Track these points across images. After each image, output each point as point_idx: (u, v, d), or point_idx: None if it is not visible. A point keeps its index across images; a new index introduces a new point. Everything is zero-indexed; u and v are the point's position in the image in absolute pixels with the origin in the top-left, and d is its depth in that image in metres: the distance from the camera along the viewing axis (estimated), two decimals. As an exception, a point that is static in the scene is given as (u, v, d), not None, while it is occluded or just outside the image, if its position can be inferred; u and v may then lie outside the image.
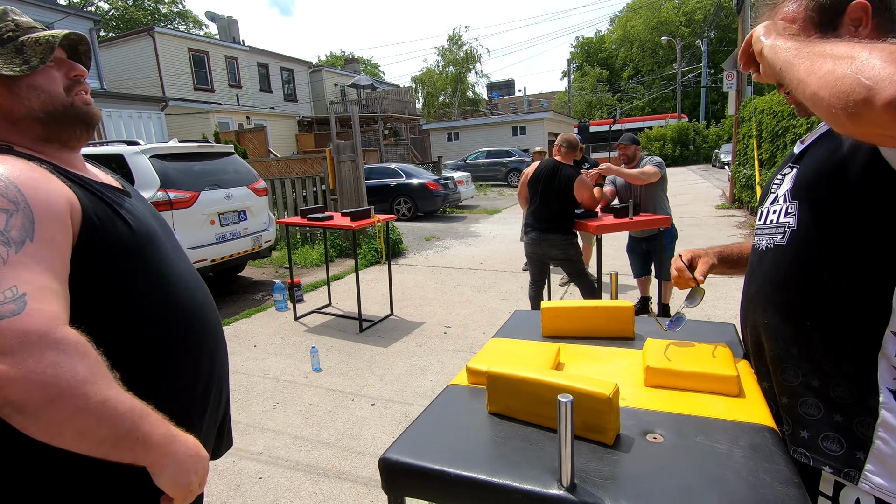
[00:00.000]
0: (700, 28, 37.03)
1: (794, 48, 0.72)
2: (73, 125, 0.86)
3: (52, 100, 0.82)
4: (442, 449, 0.82)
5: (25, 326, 0.59)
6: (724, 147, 21.23)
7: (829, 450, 0.84)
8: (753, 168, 9.00)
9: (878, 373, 0.79)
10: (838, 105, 0.62)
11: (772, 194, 0.99)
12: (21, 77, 0.80)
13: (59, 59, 0.85)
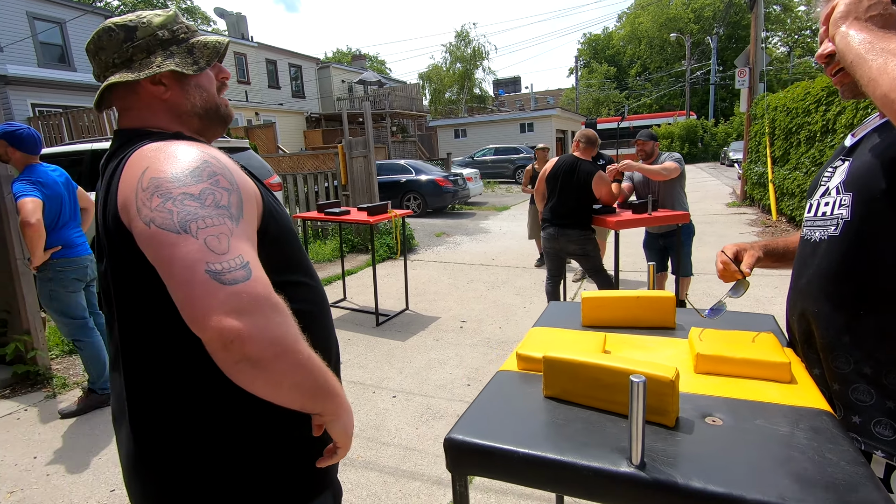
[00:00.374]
0: (709, 25, 36.74)
1: (867, 41, 0.73)
2: (219, 123, 0.93)
3: (210, 98, 0.90)
4: (504, 430, 0.84)
5: (255, 290, 0.64)
6: (733, 144, 21.12)
7: (882, 435, 0.86)
8: (766, 166, 8.95)
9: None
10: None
11: (822, 187, 1.00)
12: (191, 76, 0.86)
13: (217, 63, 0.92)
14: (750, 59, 10.55)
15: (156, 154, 0.72)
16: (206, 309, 0.61)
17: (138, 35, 0.83)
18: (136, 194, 0.68)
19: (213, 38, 0.90)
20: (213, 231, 0.66)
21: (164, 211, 0.66)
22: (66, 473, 2.36)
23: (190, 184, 0.69)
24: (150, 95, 0.84)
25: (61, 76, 13.01)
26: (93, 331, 2.94)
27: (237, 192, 0.73)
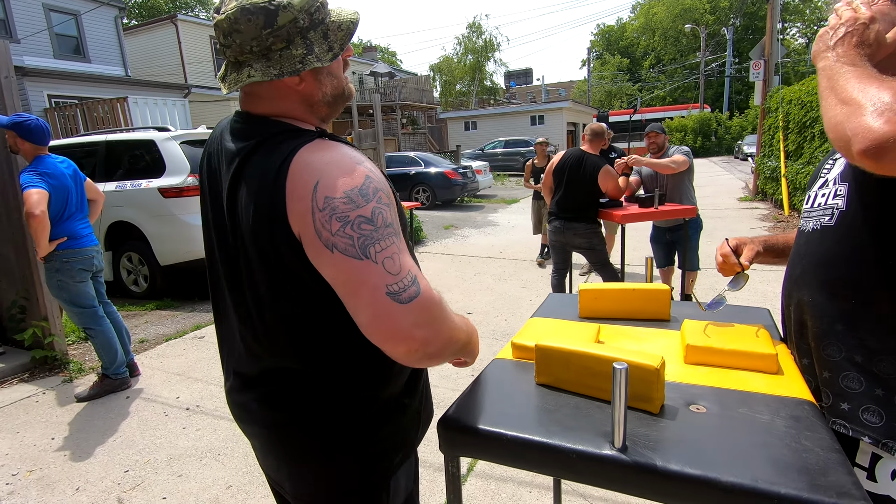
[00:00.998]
0: (725, 16, 36.10)
1: (826, 76, 0.80)
2: (343, 104, 0.91)
3: (339, 84, 0.87)
4: (496, 414, 0.88)
5: (427, 303, 0.73)
6: (747, 138, 20.81)
7: (869, 422, 0.88)
8: (779, 160, 8.83)
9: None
10: (838, 146, 0.74)
11: (821, 178, 1.02)
12: (327, 66, 0.83)
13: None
14: (765, 50, 10.37)
15: (324, 167, 0.74)
16: (392, 329, 0.70)
17: (279, 22, 0.76)
18: (314, 213, 0.72)
19: (347, 17, 0.85)
20: (387, 253, 0.73)
21: (344, 237, 0.72)
22: (82, 454, 2.45)
23: (362, 205, 0.73)
24: (285, 87, 0.82)
25: (77, 67, 13.18)
26: (102, 319, 3.02)
27: (393, 204, 0.79)
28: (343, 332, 0.82)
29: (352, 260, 0.71)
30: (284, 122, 0.83)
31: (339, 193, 0.72)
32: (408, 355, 0.72)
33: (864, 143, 0.69)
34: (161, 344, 3.89)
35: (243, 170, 0.79)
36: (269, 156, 0.78)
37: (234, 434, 2.58)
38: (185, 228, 4.66)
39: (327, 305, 0.79)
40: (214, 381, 3.20)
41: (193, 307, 4.82)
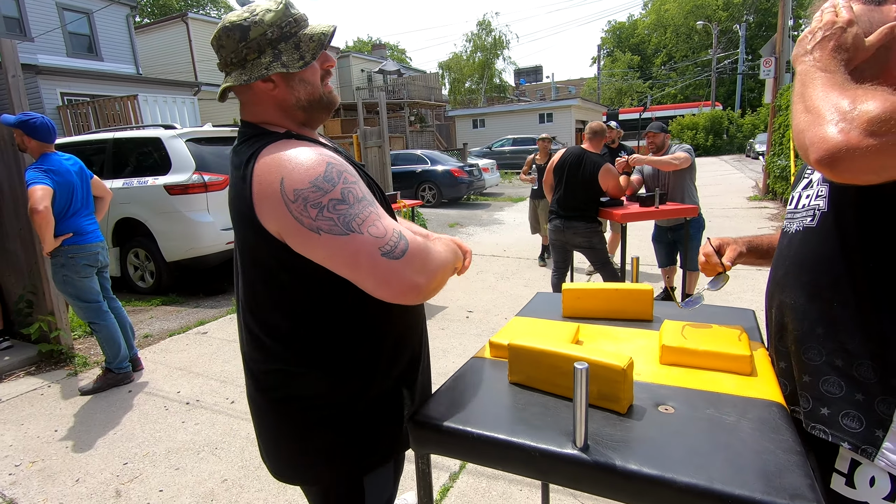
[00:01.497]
0: (738, 12, 35.62)
1: (800, 82, 0.80)
2: (323, 111, 0.98)
3: (314, 90, 0.95)
4: (466, 412, 0.89)
5: (417, 250, 0.83)
6: (759, 137, 20.54)
7: (849, 427, 0.86)
8: (789, 159, 8.71)
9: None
10: (801, 154, 0.76)
11: (805, 179, 1.01)
12: (296, 73, 0.91)
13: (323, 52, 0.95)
14: (777, 47, 10.23)
15: (284, 164, 0.82)
16: (399, 283, 0.80)
17: (251, 35, 0.88)
18: (288, 207, 0.79)
19: (319, 30, 0.93)
20: (368, 222, 0.81)
21: (325, 220, 0.79)
22: (83, 446, 2.50)
23: (330, 189, 0.80)
24: (261, 92, 0.91)
25: (89, 66, 13.36)
26: (107, 314, 3.07)
27: (359, 179, 0.86)
28: (321, 327, 0.90)
29: (339, 237, 0.79)
30: (259, 125, 0.93)
31: (305, 184, 0.80)
32: (416, 299, 0.82)
33: (819, 153, 0.69)
34: (165, 339, 3.95)
35: (231, 170, 0.91)
36: (239, 156, 0.88)
37: (231, 429, 2.61)
38: (190, 225, 4.72)
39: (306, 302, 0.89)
40: (215, 377, 3.24)
41: (198, 303, 4.88)
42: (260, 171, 0.82)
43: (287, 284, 0.88)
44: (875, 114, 0.67)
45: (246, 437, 2.54)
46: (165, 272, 4.99)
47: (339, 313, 0.90)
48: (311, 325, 0.90)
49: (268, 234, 0.82)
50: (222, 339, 3.89)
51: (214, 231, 4.81)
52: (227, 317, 4.43)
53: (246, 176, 0.83)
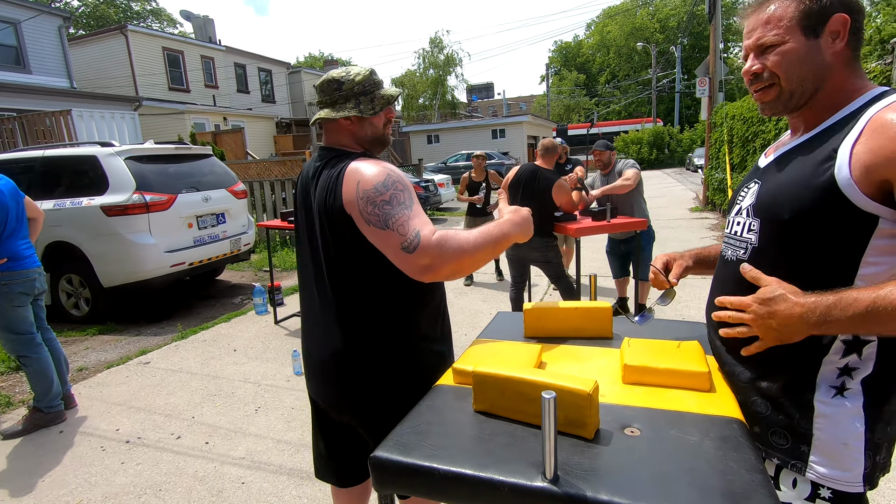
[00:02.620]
0: (674, 35, 37.93)
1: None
2: (380, 146, 1.37)
3: (376, 132, 1.34)
4: (430, 446, 0.85)
5: (428, 245, 1.09)
6: (697, 151, 21.79)
7: (777, 444, 0.94)
8: (725, 172, 9.27)
9: (819, 374, 0.89)
10: None
11: (737, 205, 1.05)
12: (367, 117, 1.30)
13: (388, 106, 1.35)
14: (710, 68, 10.93)
15: (362, 173, 1.18)
16: (410, 268, 1.12)
17: (344, 88, 1.29)
18: (357, 200, 1.16)
19: (389, 93, 1.34)
20: (400, 222, 1.13)
21: (374, 215, 1.14)
22: (8, 497, 2.26)
23: (384, 192, 1.15)
24: (342, 125, 1.31)
25: (16, 79, 12.49)
26: (40, 346, 2.82)
27: (407, 188, 1.19)
28: (378, 281, 1.23)
29: (379, 230, 1.14)
30: (338, 148, 1.32)
31: (370, 186, 1.16)
32: (428, 279, 1.12)
33: None
34: (102, 371, 3.67)
35: (318, 178, 1.26)
36: (331, 169, 1.24)
37: (177, 467, 2.43)
38: (131, 248, 4.44)
39: (366, 263, 1.22)
40: (159, 411, 3.03)
41: (139, 331, 4.58)
42: (347, 176, 1.19)
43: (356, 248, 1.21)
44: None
45: (193, 475, 2.37)
46: (102, 299, 4.66)
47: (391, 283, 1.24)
48: (372, 277, 1.24)
49: (345, 212, 1.17)
50: (167, 369, 3.66)
51: (157, 253, 4.55)
52: (172, 344, 4.17)
53: (338, 180, 1.20)
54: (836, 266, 0.87)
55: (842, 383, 0.88)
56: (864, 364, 0.87)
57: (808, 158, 0.91)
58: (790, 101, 0.95)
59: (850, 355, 0.87)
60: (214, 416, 2.95)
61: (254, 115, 19.16)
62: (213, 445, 2.63)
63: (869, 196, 0.82)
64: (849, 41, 0.90)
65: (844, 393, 0.88)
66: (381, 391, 1.25)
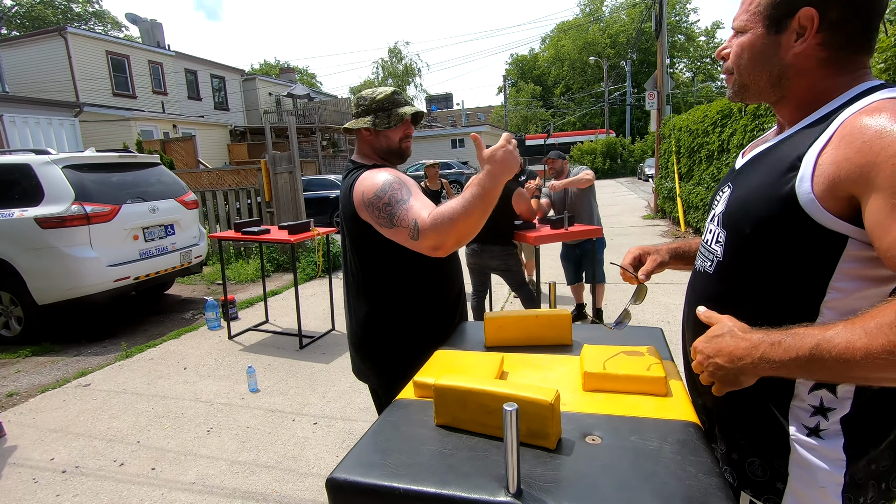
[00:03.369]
0: (624, 50, 39.61)
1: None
2: (396, 158, 1.59)
3: (391, 144, 1.56)
4: (390, 464, 0.82)
5: (425, 228, 1.25)
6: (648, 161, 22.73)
7: (755, 475, 0.88)
8: (674, 181, 9.70)
9: (790, 409, 0.83)
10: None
11: (711, 210, 0.99)
12: (382, 130, 1.54)
13: (405, 123, 1.56)
14: (657, 83, 11.46)
15: (365, 184, 1.39)
16: (423, 249, 1.29)
17: (366, 103, 1.54)
18: (366, 208, 1.37)
19: (405, 110, 1.53)
20: (401, 217, 1.30)
21: (382, 218, 1.35)
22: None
23: (382, 196, 1.34)
24: (363, 136, 1.56)
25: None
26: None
27: (405, 185, 1.37)
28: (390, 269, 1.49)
29: (389, 229, 1.35)
30: (358, 160, 1.56)
31: (371, 195, 1.37)
32: (441, 253, 1.29)
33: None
34: (35, 396, 3.40)
35: (342, 187, 1.53)
36: (346, 181, 1.50)
37: (120, 497, 2.27)
38: (69, 262, 4.17)
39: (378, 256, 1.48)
40: (99, 436, 2.83)
41: (79, 351, 4.29)
42: (355, 189, 1.42)
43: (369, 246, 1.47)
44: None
45: (162, 484, 2.22)
46: (37, 317, 4.34)
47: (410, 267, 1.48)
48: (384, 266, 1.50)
49: (360, 219, 1.41)
50: (109, 391, 3.43)
51: (99, 267, 4.29)
52: (115, 364, 3.92)
53: (350, 191, 1.43)
54: (800, 291, 0.78)
55: (816, 424, 0.81)
56: (841, 403, 0.79)
57: (775, 165, 0.81)
58: (746, 94, 0.89)
59: (819, 390, 0.80)
60: (162, 439, 2.78)
61: (206, 123, 18.53)
62: (160, 471, 2.48)
63: (834, 214, 0.72)
64: (826, 39, 0.78)
65: (820, 433, 0.80)
66: (393, 357, 1.49)
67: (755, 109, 5.99)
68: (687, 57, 43.82)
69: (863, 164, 0.68)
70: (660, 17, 11.00)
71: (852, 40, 0.78)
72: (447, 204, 1.25)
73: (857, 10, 0.77)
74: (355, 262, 1.52)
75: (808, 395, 0.81)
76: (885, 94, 0.74)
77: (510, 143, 1.24)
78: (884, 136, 0.67)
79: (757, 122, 5.94)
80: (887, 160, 0.66)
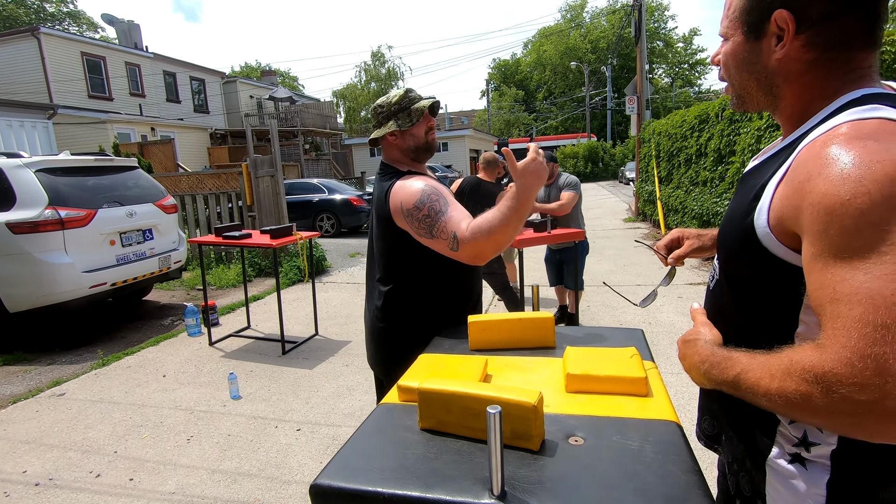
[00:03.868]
0: (604, 55, 40.22)
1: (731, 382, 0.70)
2: (426, 153, 1.62)
3: (419, 141, 1.58)
4: (375, 469, 0.81)
5: (464, 240, 1.33)
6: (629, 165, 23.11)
7: (743, 490, 0.90)
8: (654, 185, 9.86)
9: (777, 437, 0.79)
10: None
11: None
12: (406, 129, 1.56)
13: (425, 116, 1.58)
14: (637, 88, 11.66)
15: (402, 194, 1.45)
16: (464, 258, 1.37)
17: (383, 110, 1.59)
18: (405, 218, 1.44)
19: (423, 104, 1.56)
20: (440, 228, 1.37)
21: (420, 229, 1.41)
22: None
23: (422, 208, 1.40)
24: (389, 141, 1.59)
25: None
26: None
27: (441, 196, 1.42)
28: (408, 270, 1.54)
29: (428, 239, 1.41)
30: (392, 164, 1.60)
31: (410, 206, 1.42)
32: (480, 261, 1.39)
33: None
34: (6, 407, 3.29)
35: (375, 189, 1.61)
36: (382, 184, 1.55)
37: (96, 509, 2.21)
38: (42, 268, 4.06)
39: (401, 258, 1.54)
40: (75, 447, 2.75)
41: (53, 359, 4.17)
42: (392, 197, 1.47)
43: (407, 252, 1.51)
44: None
45: (141, 495, 2.17)
46: (8, 325, 4.21)
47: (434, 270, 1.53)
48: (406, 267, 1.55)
49: (399, 228, 1.47)
50: (85, 400, 3.34)
51: (74, 273, 4.19)
52: (91, 373, 3.83)
53: (386, 199, 1.48)
54: (775, 321, 0.77)
55: (797, 453, 0.76)
56: (827, 437, 0.73)
57: (749, 190, 0.77)
58: (745, 104, 0.84)
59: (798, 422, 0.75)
60: (140, 448, 2.72)
61: (185, 126, 18.24)
62: (138, 481, 2.42)
63: (790, 248, 0.69)
64: (810, 39, 0.71)
65: (805, 463, 0.75)
66: (406, 351, 1.44)
67: (731, 115, 6.13)
68: (666, 63, 44.70)
69: (796, 205, 0.66)
70: (639, 24, 11.20)
71: (847, 36, 0.70)
72: (485, 216, 1.32)
73: (844, 4, 0.68)
74: (382, 257, 1.57)
75: (787, 423, 0.77)
76: (851, 116, 0.66)
77: (539, 154, 1.31)
78: (813, 177, 0.63)
79: (733, 128, 6.08)
80: (810, 206, 0.63)
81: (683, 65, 44.70)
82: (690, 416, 2.73)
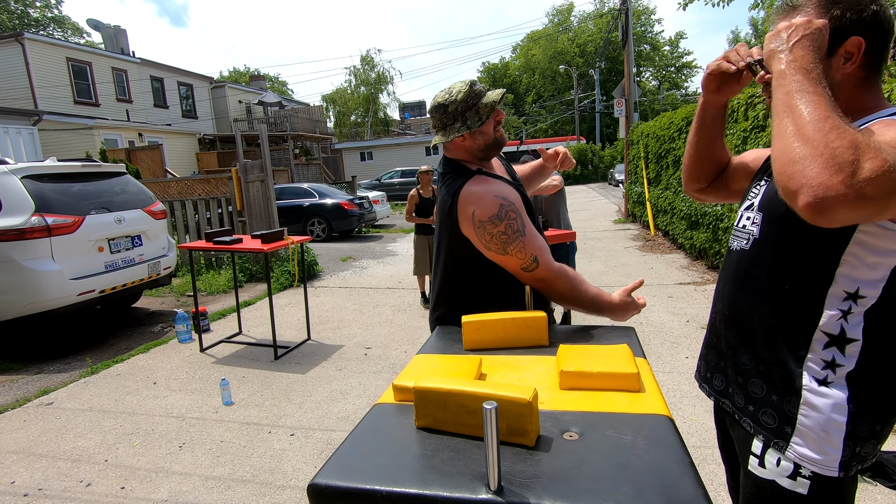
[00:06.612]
0: (592, 59, 40.57)
1: (784, 90, 0.79)
2: (495, 149, 1.50)
3: (488, 138, 1.46)
4: (372, 468, 0.82)
5: (540, 274, 1.38)
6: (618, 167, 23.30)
7: (766, 423, 1.00)
8: (643, 186, 9.96)
9: (805, 362, 0.95)
10: (782, 183, 0.75)
11: (748, 201, 1.11)
12: (478, 129, 1.43)
13: (494, 111, 1.45)
14: (625, 91, 11.78)
15: (477, 200, 1.36)
16: (526, 281, 1.41)
17: (449, 110, 1.42)
18: (474, 229, 1.37)
19: (491, 98, 1.42)
20: (517, 248, 1.35)
21: (492, 244, 1.36)
22: None
23: (498, 224, 1.34)
24: (456, 143, 1.47)
25: None
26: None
27: (520, 215, 1.37)
28: (472, 279, 1.47)
29: (500, 255, 1.37)
30: (459, 162, 1.49)
31: (485, 218, 1.35)
32: (540, 287, 1.41)
33: (813, 198, 0.69)
34: (-7, 417, 3.24)
35: (441, 187, 1.50)
36: (450, 184, 1.44)
37: (87, 518, 2.19)
38: (29, 276, 4.00)
39: (467, 268, 1.46)
40: (64, 456, 2.71)
41: (41, 368, 4.11)
42: (462, 200, 1.38)
43: (461, 256, 1.45)
44: (875, 173, 0.67)
45: (108, 525, 2.14)
46: (-6, 334, 4.14)
47: (490, 282, 1.45)
48: (470, 278, 1.48)
49: (463, 235, 1.41)
50: (74, 409, 3.30)
51: (62, 281, 4.14)
52: (80, 381, 3.78)
53: (454, 201, 1.39)
54: (817, 262, 0.92)
55: (825, 376, 0.93)
56: (848, 360, 0.92)
57: None
58: None
59: (831, 348, 0.93)
60: (131, 456, 2.69)
61: (173, 131, 18.11)
62: (130, 490, 2.39)
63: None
64: (863, 62, 0.90)
65: (829, 385, 0.93)
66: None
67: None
68: (653, 66, 45.20)
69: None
70: (626, 28, 11.33)
71: (879, 61, 0.93)
72: (579, 278, 1.43)
73: (886, 36, 0.90)
74: (442, 251, 1.52)
75: (822, 351, 0.93)
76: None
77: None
78: (882, 132, 0.82)
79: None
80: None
81: (670, 68, 45.23)
82: (681, 413, 2.76)
